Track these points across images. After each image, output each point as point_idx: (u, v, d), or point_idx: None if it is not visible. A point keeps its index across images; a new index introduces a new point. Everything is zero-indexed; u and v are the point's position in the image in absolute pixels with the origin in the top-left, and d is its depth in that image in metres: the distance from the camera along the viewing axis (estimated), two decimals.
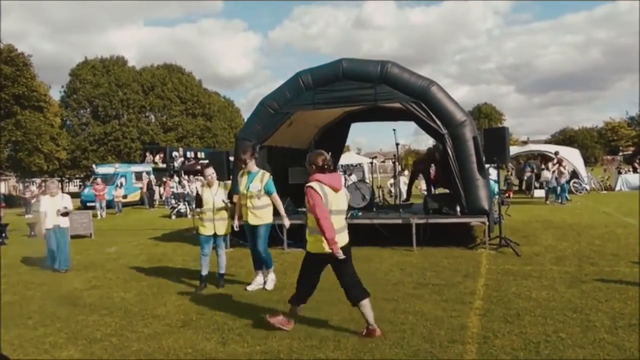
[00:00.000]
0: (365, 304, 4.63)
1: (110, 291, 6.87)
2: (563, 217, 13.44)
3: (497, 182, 17.81)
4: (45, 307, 6.30)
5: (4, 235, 13.52)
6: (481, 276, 6.87)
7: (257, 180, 6.53)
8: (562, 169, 17.83)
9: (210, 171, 6.70)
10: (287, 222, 6.87)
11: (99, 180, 22.40)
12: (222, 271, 6.91)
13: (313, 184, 4.59)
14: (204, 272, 6.78)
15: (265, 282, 6.68)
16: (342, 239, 4.62)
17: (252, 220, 6.56)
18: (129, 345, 4.70)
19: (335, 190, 4.62)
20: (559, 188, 17.78)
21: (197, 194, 6.92)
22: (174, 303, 6.12)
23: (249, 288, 6.58)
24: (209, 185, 6.69)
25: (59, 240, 8.61)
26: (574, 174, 21.75)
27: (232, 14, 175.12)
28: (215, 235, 6.74)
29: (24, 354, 4.60)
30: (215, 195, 6.63)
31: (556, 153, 19.79)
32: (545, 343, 4.26)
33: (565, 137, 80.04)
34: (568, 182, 18.26)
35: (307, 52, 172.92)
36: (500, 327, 4.69)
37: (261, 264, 6.72)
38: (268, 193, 6.58)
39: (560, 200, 17.60)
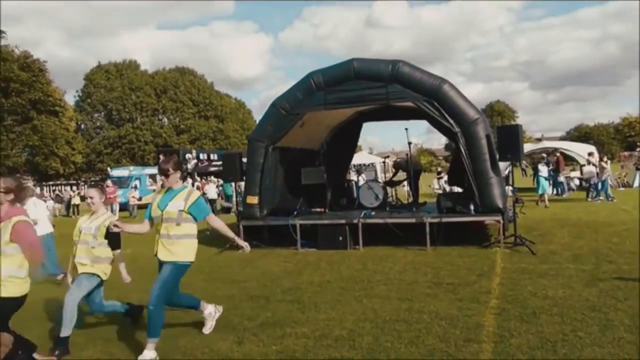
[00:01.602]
0: None
1: (126, 292, 6.93)
2: (579, 215, 13.29)
3: (548, 179, 17.68)
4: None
5: None
6: (496, 275, 6.82)
7: (179, 199, 4.49)
8: (603, 164, 17.46)
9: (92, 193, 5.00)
10: (243, 243, 5.02)
11: (108, 182, 22.23)
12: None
13: None
14: None
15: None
16: None
17: (162, 254, 4.49)
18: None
19: None
20: (599, 184, 17.45)
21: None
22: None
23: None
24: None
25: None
26: None
27: (243, 16, 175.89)
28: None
29: (45, 353, 4.67)
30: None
31: (590, 154, 19.42)
32: (562, 342, 4.22)
33: (581, 134, 79.14)
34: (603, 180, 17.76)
35: (318, 53, 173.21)
36: (517, 326, 4.66)
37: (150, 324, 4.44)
38: (195, 218, 4.54)
39: (601, 198, 17.16)
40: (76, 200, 25.44)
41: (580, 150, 22.10)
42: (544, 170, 17.32)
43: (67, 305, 4.64)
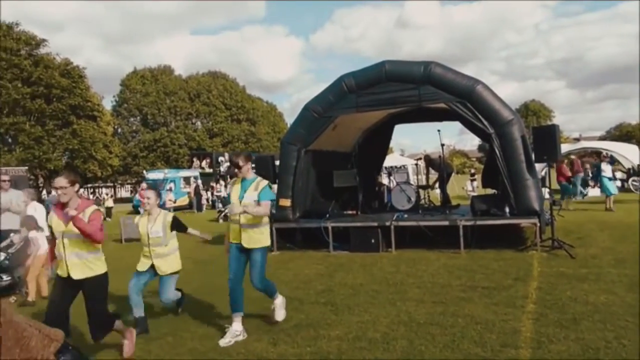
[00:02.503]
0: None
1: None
2: (620, 218, 12.86)
3: (612, 179, 16.76)
4: None
5: None
6: (533, 279, 6.67)
7: (251, 190, 5.04)
8: None
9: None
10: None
11: (144, 185, 22.76)
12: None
13: None
14: None
15: (235, 331, 4.97)
16: None
17: (247, 242, 5.04)
18: (183, 344, 4.87)
19: None
20: None
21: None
22: (224, 305, 6.26)
23: (223, 343, 4.83)
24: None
25: None
26: (634, 172, 20.69)
27: (273, 20, 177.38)
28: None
29: (86, 351, 4.83)
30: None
31: None
32: (605, 349, 4.10)
33: (622, 133, 76.27)
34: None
35: (349, 55, 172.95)
36: (556, 332, 4.55)
37: (240, 303, 5.07)
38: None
39: None
40: (109, 203, 25.81)
41: (622, 150, 21.35)
42: (607, 169, 16.09)
43: (165, 302, 5.74)
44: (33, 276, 6.93)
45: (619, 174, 21.76)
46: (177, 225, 5.77)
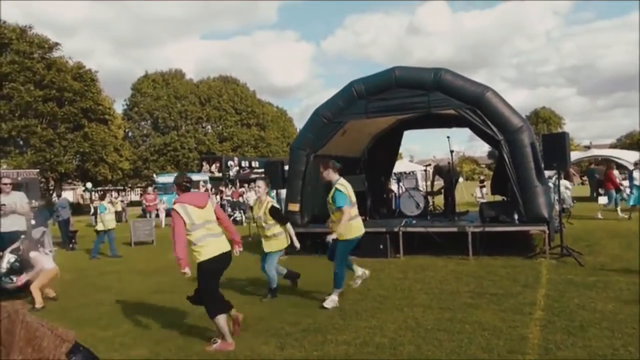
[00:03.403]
0: (220, 319, 4.84)
1: (173, 295, 7.17)
2: (629, 226, 12.76)
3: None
4: (113, 309, 6.68)
5: (74, 241, 14.37)
6: (541, 286, 6.66)
7: (331, 192, 6.46)
8: None
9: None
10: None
11: (149, 190, 22.74)
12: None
13: (175, 206, 4.92)
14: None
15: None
16: (220, 245, 4.96)
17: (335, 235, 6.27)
18: (191, 347, 4.92)
19: (199, 207, 4.93)
20: None
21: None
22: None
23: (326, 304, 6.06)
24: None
25: None
26: None
27: (285, 25, 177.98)
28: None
29: (96, 352, 4.87)
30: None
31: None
32: (612, 357, 4.10)
33: (633, 141, 75.53)
34: None
35: (359, 60, 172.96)
36: (563, 339, 4.55)
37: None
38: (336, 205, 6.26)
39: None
40: (117, 207, 25.21)
41: (633, 158, 21.20)
42: (638, 177, 15.10)
43: (268, 274, 6.75)
44: (38, 286, 6.98)
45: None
46: (274, 213, 6.71)
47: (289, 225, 6.92)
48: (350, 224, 6.12)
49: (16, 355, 2.34)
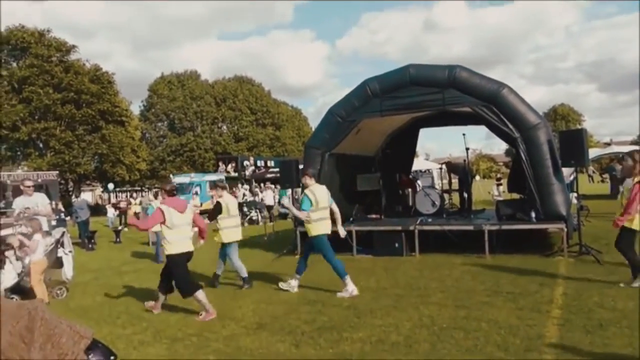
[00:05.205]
0: (199, 294, 5.87)
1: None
2: None
3: None
4: (131, 307, 6.77)
5: (93, 241, 14.59)
6: (559, 284, 6.58)
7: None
8: None
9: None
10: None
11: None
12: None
13: (162, 206, 6.02)
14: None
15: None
16: (185, 245, 6.03)
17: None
18: (208, 345, 4.97)
19: (180, 211, 6.02)
20: None
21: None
22: (249, 307, 6.36)
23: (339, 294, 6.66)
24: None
25: None
26: None
27: (300, 25, 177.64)
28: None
29: (115, 349, 4.96)
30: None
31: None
32: (632, 357, 4.03)
33: None
34: None
35: (375, 59, 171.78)
36: (581, 338, 4.49)
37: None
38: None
39: None
40: (137, 208, 24.99)
41: None
42: None
43: (235, 264, 7.68)
44: (36, 281, 7.08)
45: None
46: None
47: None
48: (317, 223, 6.96)
49: (36, 352, 2.39)
